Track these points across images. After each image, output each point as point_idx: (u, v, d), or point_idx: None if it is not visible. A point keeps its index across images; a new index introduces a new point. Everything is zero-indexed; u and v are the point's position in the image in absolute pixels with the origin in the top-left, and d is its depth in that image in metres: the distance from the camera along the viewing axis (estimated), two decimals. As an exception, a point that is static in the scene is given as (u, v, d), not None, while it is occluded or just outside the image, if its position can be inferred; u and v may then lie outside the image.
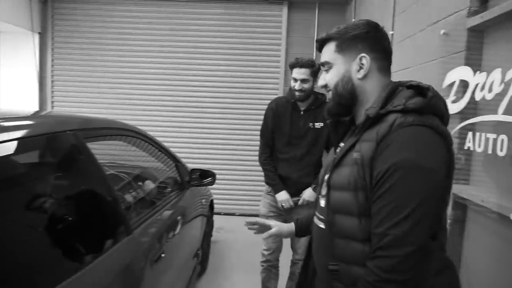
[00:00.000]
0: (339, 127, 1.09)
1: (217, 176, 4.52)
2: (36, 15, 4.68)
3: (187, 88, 4.81)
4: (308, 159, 2.26)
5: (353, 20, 3.65)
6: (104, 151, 2.05)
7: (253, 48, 4.71)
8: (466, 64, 1.78)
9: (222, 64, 4.77)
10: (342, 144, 1.05)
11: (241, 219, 2.76)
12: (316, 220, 1.06)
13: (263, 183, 2.42)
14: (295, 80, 2.19)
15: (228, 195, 4.79)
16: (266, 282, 2.41)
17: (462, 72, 1.80)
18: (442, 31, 2.02)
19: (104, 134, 1.63)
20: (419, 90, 0.92)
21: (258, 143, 2.43)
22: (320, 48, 1.07)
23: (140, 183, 2.23)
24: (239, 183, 4.78)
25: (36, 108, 4.82)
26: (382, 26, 1.03)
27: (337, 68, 1.00)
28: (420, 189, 0.82)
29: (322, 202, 1.03)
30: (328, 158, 1.13)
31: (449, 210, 1.79)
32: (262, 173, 2.39)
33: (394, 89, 0.95)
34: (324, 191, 1.02)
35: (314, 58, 4.60)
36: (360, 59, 0.97)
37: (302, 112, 2.27)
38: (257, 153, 2.43)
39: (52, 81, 4.89)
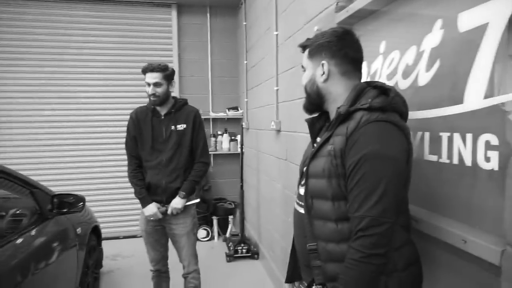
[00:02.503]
0: (315, 123, 1.22)
1: (101, 197, 4.18)
2: None
3: (67, 101, 4.25)
4: (175, 163, 2.23)
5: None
6: None
7: (142, 54, 4.34)
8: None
9: (107, 72, 4.32)
10: (319, 139, 1.17)
11: (140, 241, 2.51)
12: (296, 207, 1.21)
13: None
14: (148, 84, 2.19)
15: (119, 216, 4.35)
16: (158, 286, 2.44)
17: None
18: (315, 28, 1.97)
19: None
20: (382, 89, 1.06)
21: None
22: (303, 51, 1.21)
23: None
24: (127, 202, 4.31)
25: None
26: (352, 33, 1.13)
27: (308, 72, 1.17)
28: (386, 174, 0.95)
29: (302, 190, 1.17)
30: (306, 152, 1.26)
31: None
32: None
33: (362, 89, 1.08)
34: (303, 180, 1.17)
35: (209, 62, 4.58)
36: (322, 65, 1.11)
37: (162, 117, 2.26)
38: None
39: None
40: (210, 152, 2.90)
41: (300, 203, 1.18)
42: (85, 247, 2.51)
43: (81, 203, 2.11)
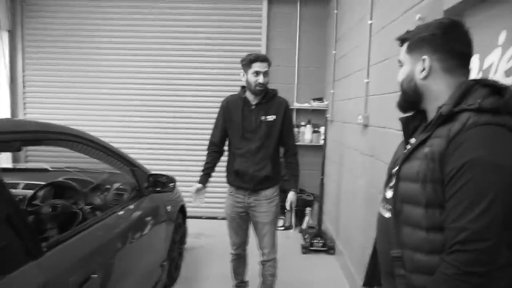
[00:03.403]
0: (410, 123, 1.14)
1: (188, 178, 4.45)
2: (4, 11, 4.46)
3: (164, 87, 4.61)
4: (263, 153, 2.27)
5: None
6: (44, 156, 1.85)
7: (232, 44, 4.50)
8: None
9: (198, 61, 4.57)
10: (413, 140, 1.10)
11: (223, 222, 2.66)
12: (381, 210, 1.15)
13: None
14: (258, 73, 2.23)
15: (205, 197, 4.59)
16: (236, 269, 2.55)
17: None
18: (417, 16, 1.81)
19: (38, 138, 1.42)
20: (495, 88, 0.94)
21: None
22: (401, 45, 1.14)
23: (85, 191, 2.02)
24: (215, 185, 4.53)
25: (7, 111, 4.60)
26: (461, 24, 1.02)
27: (405, 67, 1.09)
28: (494, 185, 0.85)
29: (389, 193, 1.11)
30: (397, 152, 1.19)
31: None
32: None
33: (469, 87, 0.97)
34: (392, 182, 1.10)
35: (296, 52, 4.54)
36: (423, 60, 1.03)
37: (253, 107, 2.30)
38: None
39: (24, 82, 4.67)
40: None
41: (387, 206, 1.11)
42: (173, 224, 2.72)
43: (173, 184, 2.27)
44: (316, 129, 4.49)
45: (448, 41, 1.00)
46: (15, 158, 4.49)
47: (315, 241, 3.63)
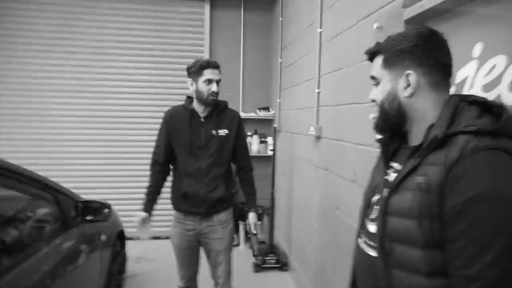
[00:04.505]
0: (389, 144, 1.02)
1: (128, 196, 4.07)
2: None
3: (93, 95, 4.16)
4: (215, 171, 2.03)
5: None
6: None
7: (173, 49, 4.20)
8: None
9: (138, 67, 4.20)
10: (395, 164, 0.97)
11: (166, 242, 2.35)
12: (363, 246, 1.00)
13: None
14: (210, 81, 2.00)
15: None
16: None
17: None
18: (375, 25, 1.72)
19: None
20: (485, 107, 0.83)
21: None
22: (370, 59, 1.02)
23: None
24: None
25: None
26: (439, 33, 0.91)
27: (384, 85, 0.95)
28: (508, 222, 0.72)
29: (372, 227, 0.97)
30: (375, 178, 1.05)
31: None
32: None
33: (456, 105, 0.86)
34: (373, 214, 0.97)
35: (241, 59, 4.37)
36: (407, 76, 0.90)
37: (202, 119, 2.05)
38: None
39: None
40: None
41: (371, 243, 0.96)
42: (110, 253, 2.37)
43: (108, 210, 1.95)
44: (263, 139, 4.35)
45: (432, 53, 0.89)
46: None
47: (267, 258, 3.45)
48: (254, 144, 4.33)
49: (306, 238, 2.90)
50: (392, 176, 0.95)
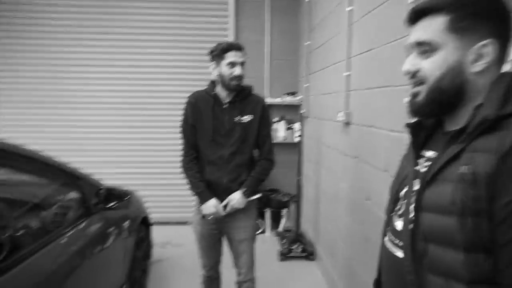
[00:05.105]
0: (420, 130, 0.87)
1: (154, 181, 4.09)
2: None
3: (119, 82, 4.18)
4: (238, 159, 1.94)
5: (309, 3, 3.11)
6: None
7: (196, 34, 4.13)
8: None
9: (160, 53, 4.17)
10: (429, 153, 0.83)
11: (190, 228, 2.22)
12: (389, 245, 0.87)
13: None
14: (233, 64, 1.89)
15: (170, 201, 4.27)
16: None
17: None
18: (410, 0, 1.56)
19: None
20: None
21: None
22: (415, 19, 0.77)
23: (17, 214, 1.64)
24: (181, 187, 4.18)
25: None
26: None
27: (446, 54, 0.73)
28: None
29: (399, 224, 0.84)
30: (403, 168, 0.91)
31: None
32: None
33: (510, 82, 0.71)
34: (401, 209, 0.85)
35: (267, 43, 4.24)
36: (482, 46, 0.71)
37: (226, 105, 1.95)
38: None
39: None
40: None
41: (397, 242, 0.84)
42: (134, 240, 2.37)
43: (128, 197, 1.93)
44: (290, 125, 4.23)
45: (509, 19, 0.73)
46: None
47: (293, 247, 3.37)
48: (280, 131, 4.22)
49: (334, 228, 2.80)
50: (424, 166, 0.82)
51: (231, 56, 1.88)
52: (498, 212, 0.64)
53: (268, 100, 4.21)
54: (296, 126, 4.12)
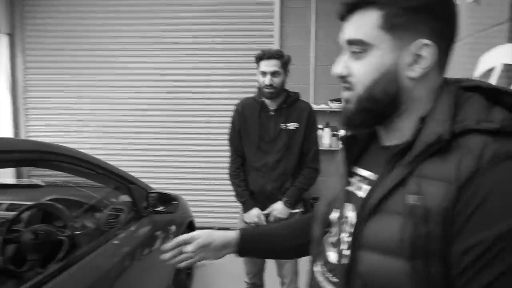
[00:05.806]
0: (354, 144, 0.75)
1: (200, 187, 4.17)
2: (3, 14, 4.24)
3: (163, 90, 4.34)
4: (282, 167, 1.95)
5: None
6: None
7: (241, 42, 4.19)
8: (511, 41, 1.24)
9: (205, 61, 4.27)
10: (362, 172, 0.71)
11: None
12: (320, 278, 0.73)
13: None
14: (264, 74, 1.92)
15: (214, 207, 4.31)
16: None
17: (506, 53, 1.25)
18: (471, -2, 1.46)
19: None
20: (492, 95, 0.60)
21: None
22: (346, 13, 0.66)
23: (75, 214, 1.74)
24: (225, 193, 4.19)
25: (9, 118, 4.38)
26: None
27: (380, 55, 0.62)
28: None
29: (332, 256, 0.71)
30: (331, 188, 0.79)
31: None
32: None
33: (457, 92, 0.62)
34: (334, 236, 0.72)
35: (313, 49, 4.20)
36: (421, 47, 0.61)
37: (272, 112, 1.97)
38: None
39: (25, 88, 4.45)
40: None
41: (330, 277, 0.71)
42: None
43: (175, 202, 1.98)
44: (335, 132, 4.15)
45: (455, 18, 0.63)
46: (18, 173, 4.26)
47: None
48: (325, 138, 4.14)
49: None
50: (359, 188, 0.70)
51: (262, 65, 1.92)
52: (458, 259, 0.54)
53: (313, 107, 4.14)
54: (342, 133, 4.03)
